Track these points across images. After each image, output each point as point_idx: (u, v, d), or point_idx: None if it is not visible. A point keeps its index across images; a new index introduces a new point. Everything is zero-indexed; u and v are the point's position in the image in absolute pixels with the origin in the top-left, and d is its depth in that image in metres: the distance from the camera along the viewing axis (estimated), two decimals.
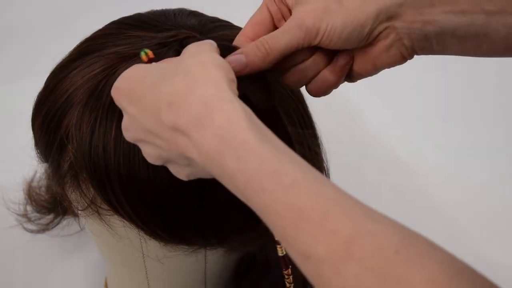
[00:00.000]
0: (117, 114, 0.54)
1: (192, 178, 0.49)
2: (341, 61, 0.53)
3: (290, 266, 0.58)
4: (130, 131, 0.49)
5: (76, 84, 0.56)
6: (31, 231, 0.82)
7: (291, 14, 0.52)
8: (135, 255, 0.62)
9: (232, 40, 0.55)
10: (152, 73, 0.47)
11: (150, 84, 0.46)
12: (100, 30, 0.61)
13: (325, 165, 0.63)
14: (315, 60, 0.54)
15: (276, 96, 0.58)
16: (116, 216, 0.57)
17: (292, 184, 0.40)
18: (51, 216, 0.82)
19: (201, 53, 0.47)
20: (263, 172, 0.40)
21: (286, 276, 0.58)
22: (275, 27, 0.54)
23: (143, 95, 0.46)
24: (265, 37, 0.51)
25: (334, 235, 0.38)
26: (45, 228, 0.82)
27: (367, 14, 0.49)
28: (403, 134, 1.05)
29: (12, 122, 0.97)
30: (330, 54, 0.54)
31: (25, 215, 0.82)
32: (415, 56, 0.53)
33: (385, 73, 0.55)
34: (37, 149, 0.62)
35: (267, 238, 0.55)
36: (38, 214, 0.82)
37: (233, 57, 0.50)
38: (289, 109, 0.59)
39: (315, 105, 0.65)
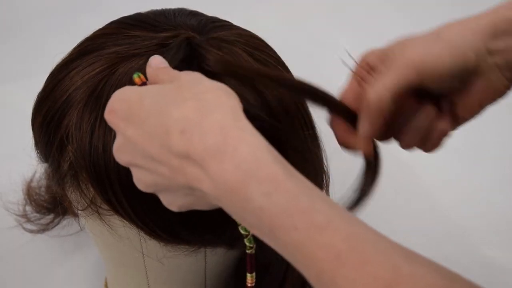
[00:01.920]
0: None
1: (184, 209, 0.47)
2: (447, 105, 0.52)
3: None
4: (124, 154, 0.47)
5: (76, 84, 0.56)
6: (31, 231, 0.82)
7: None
8: (135, 255, 0.62)
9: (232, 40, 0.55)
10: (151, 96, 0.45)
11: (152, 107, 0.44)
12: (100, 30, 0.61)
13: (324, 166, 0.63)
14: (425, 111, 0.53)
15: (276, 99, 0.58)
16: (116, 216, 0.57)
17: (327, 224, 0.38)
18: (51, 216, 0.82)
19: (203, 80, 0.45)
20: (295, 210, 0.39)
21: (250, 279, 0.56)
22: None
23: (145, 118, 0.44)
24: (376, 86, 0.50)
25: (375, 280, 0.37)
26: (45, 228, 0.82)
27: (470, 52, 0.48)
28: None
29: (12, 122, 0.97)
30: (433, 103, 0.53)
31: (24, 215, 0.82)
32: None
33: None
34: (37, 149, 0.62)
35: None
36: (38, 214, 0.82)
37: (364, 125, 0.51)
38: (289, 109, 0.59)
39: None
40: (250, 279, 0.56)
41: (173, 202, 0.47)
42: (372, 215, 0.93)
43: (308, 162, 0.59)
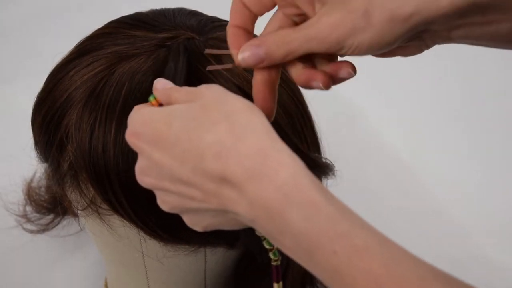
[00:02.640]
0: (117, 114, 0.54)
1: (209, 229, 0.47)
2: (343, 73, 0.50)
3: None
4: (149, 177, 0.46)
5: (75, 84, 0.56)
6: (31, 231, 0.82)
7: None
8: (135, 255, 0.62)
9: None
10: (179, 119, 0.44)
11: (181, 131, 0.43)
12: (99, 30, 0.61)
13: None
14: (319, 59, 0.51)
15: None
16: (116, 216, 0.57)
17: (366, 248, 0.38)
18: (51, 216, 0.82)
19: (228, 97, 0.44)
20: (334, 234, 0.39)
21: None
22: (273, 5, 0.49)
23: (174, 142, 0.43)
24: (287, 37, 0.47)
25: None
26: (45, 229, 0.82)
27: (396, 35, 0.46)
28: (404, 134, 1.05)
29: (12, 122, 0.97)
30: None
31: (24, 216, 0.82)
32: (416, 57, 0.52)
33: (386, 73, 0.55)
34: (36, 149, 0.62)
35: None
36: (38, 215, 0.82)
37: (253, 47, 0.47)
38: (288, 109, 0.59)
39: (315, 105, 0.65)
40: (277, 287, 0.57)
41: (198, 223, 0.47)
42: (372, 215, 0.93)
43: (307, 161, 0.59)
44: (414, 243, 0.89)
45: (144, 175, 0.46)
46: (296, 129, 0.59)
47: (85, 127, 0.55)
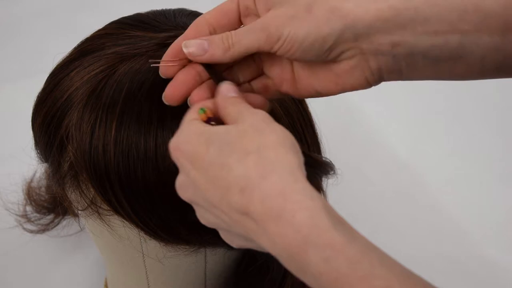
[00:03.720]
0: (117, 114, 0.54)
1: (243, 248, 0.48)
2: (259, 83, 0.52)
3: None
4: (186, 192, 0.47)
5: (76, 84, 0.56)
6: (31, 231, 0.82)
7: (257, 16, 0.50)
8: (135, 255, 0.62)
9: None
10: (216, 143, 0.44)
11: (215, 156, 0.44)
12: (100, 30, 0.61)
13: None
14: (248, 65, 0.52)
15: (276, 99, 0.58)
16: (116, 216, 0.57)
17: None
18: (51, 216, 0.82)
19: (267, 127, 0.45)
20: (354, 277, 0.39)
21: None
22: (239, 22, 0.52)
23: (208, 166, 0.44)
24: (232, 32, 0.49)
25: None
26: (45, 229, 0.82)
27: (332, 28, 0.47)
28: (404, 134, 1.05)
29: (12, 122, 0.97)
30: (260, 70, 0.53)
31: (24, 216, 0.82)
32: None
33: None
34: (37, 149, 0.62)
35: None
36: (38, 215, 0.82)
37: (197, 40, 0.49)
38: (289, 109, 0.59)
39: (315, 105, 0.65)
40: None
41: (232, 242, 0.47)
42: (372, 215, 0.93)
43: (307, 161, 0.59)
44: (414, 243, 0.90)
45: (182, 190, 0.47)
46: (296, 129, 0.60)
47: (85, 128, 0.55)
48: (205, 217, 0.47)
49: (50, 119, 0.57)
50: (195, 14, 0.62)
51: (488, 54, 0.46)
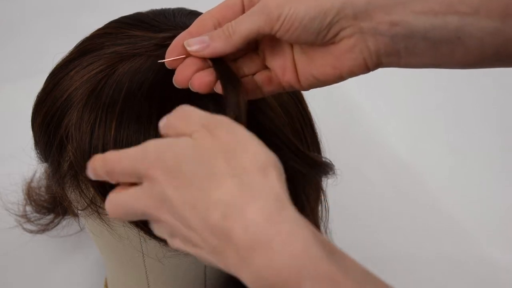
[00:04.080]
0: (117, 114, 0.54)
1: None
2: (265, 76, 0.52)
3: None
4: (144, 202, 0.43)
5: (75, 84, 0.56)
6: (31, 232, 0.82)
7: None
8: (135, 255, 0.62)
9: None
10: (189, 161, 0.41)
11: (190, 176, 0.41)
12: (99, 30, 0.61)
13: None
14: (252, 59, 0.52)
15: (274, 97, 0.58)
16: None
17: None
18: (51, 216, 0.82)
19: (245, 145, 0.42)
20: None
21: None
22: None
23: (189, 182, 0.41)
24: (232, 21, 0.49)
25: None
26: (44, 229, 0.82)
27: (332, 3, 0.46)
28: (404, 134, 1.05)
29: (12, 122, 0.97)
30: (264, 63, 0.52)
31: (24, 216, 0.82)
32: None
33: (386, 72, 0.55)
34: (37, 149, 0.62)
35: None
36: (38, 215, 0.82)
37: (198, 38, 0.49)
38: (289, 109, 0.59)
39: (315, 105, 0.65)
40: None
41: (196, 254, 0.44)
42: (372, 215, 0.93)
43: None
44: (414, 242, 0.90)
45: (138, 200, 0.44)
46: (296, 129, 0.59)
47: (85, 127, 0.55)
48: (162, 232, 0.45)
49: (50, 118, 0.57)
50: (194, 14, 0.62)
51: (488, 37, 0.46)
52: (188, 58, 0.51)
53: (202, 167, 0.41)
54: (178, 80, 0.51)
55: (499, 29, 0.45)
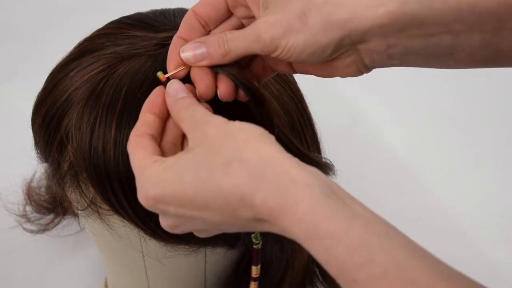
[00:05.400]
0: (117, 114, 0.54)
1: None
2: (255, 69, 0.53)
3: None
4: (181, 226, 0.47)
5: (75, 84, 0.56)
6: (31, 231, 0.82)
7: (246, 7, 0.51)
8: (135, 255, 0.62)
9: None
10: (189, 171, 0.44)
11: (196, 181, 0.43)
12: (99, 30, 0.61)
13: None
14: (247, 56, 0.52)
15: (274, 97, 0.58)
16: (116, 216, 0.57)
17: (384, 275, 0.39)
18: (51, 216, 0.82)
19: (232, 131, 0.44)
20: (353, 265, 0.40)
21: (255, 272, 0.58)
22: (229, 13, 0.52)
23: (194, 195, 0.43)
24: (228, 35, 0.49)
25: None
26: (44, 229, 0.82)
27: (330, 39, 0.47)
28: (404, 134, 1.05)
29: (12, 122, 0.97)
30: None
31: (24, 216, 0.82)
32: None
33: (385, 73, 0.55)
34: (37, 149, 0.62)
35: (265, 234, 0.55)
36: (38, 215, 0.82)
37: (195, 46, 0.49)
38: (288, 108, 0.59)
39: (315, 104, 0.65)
40: (255, 271, 0.58)
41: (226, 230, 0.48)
42: None
43: (307, 161, 0.59)
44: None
45: (177, 229, 0.47)
46: (296, 129, 0.60)
47: (85, 127, 0.55)
48: (196, 230, 0.48)
49: (50, 119, 0.57)
50: None
51: (479, 50, 0.47)
52: (197, 69, 0.51)
53: (200, 170, 0.43)
54: (204, 93, 0.50)
55: (490, 42, 0.46)
